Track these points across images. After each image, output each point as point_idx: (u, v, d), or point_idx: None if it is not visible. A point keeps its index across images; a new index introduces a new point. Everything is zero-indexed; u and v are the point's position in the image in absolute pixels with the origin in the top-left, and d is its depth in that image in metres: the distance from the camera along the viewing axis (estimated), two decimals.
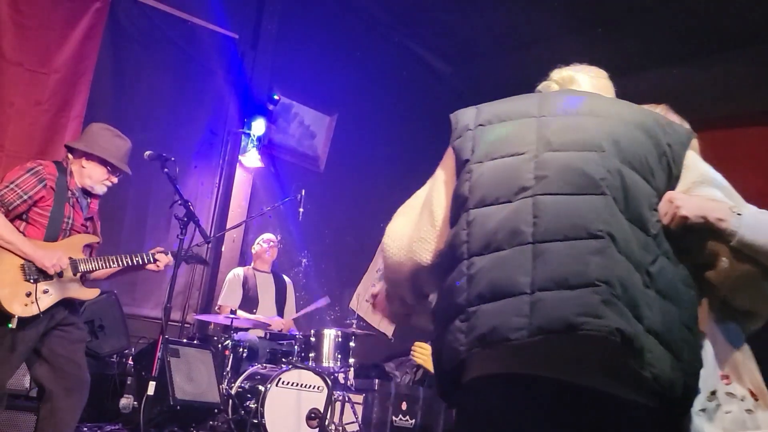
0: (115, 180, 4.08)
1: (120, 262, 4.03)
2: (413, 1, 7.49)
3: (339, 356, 5.90)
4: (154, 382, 3.83)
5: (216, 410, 5.44)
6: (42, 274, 3.74)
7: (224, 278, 6.60)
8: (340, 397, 5.77)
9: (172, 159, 4.21)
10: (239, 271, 6.46)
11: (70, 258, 3.86)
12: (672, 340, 1.77)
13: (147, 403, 3.87)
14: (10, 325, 3.57)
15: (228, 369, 5.67)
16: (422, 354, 4.71)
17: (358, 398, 6.55)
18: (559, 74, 2.27)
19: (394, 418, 6.74)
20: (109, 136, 4.07)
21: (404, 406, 6.82)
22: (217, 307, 6.37)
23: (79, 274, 3.89)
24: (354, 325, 6.16)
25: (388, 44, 8.14)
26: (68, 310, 3.91)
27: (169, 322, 6.25)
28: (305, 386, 5.53)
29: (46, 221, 3.82)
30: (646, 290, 1.78)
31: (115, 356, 5.63)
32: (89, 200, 4.07)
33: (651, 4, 6.55)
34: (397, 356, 7.49)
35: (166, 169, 4.16)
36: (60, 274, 3.80)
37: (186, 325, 6.71)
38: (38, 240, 3.81)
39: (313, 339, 5.91)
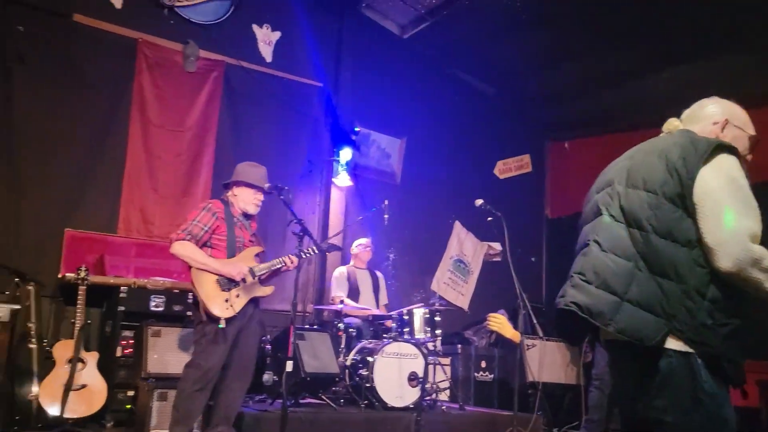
0: (262, 197, 4.29)
1: (279, 262, 4.22)
2: (458, 37, 7.45)
3: (428, 329, 5.93)
4: (290, 361, 4.01)
5: (336, 379, 5.58)
6: (232, 283, 4.03)
7: (331, 275, 6.71)
8: (432, 362, 5.86)
9: (287, 188, 4.34)
10: (343, 269, 6.56)
11: (249, 266, 4.12)
12: (654, 304, 2.01)
13: (286, 377, 4.04)
14: (221, 326, 3.90)
15: (342, 346, 5.80)
16: (496, 322, 4.86)
17: (446, 361, 6.66)
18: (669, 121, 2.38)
19: (476, 374, 6.84)
20: (248, 166, 4.35)
21: (483, 364, 6.92)
22: (331, 299, 6.48)
23: (257, 278, 4.14)
24: (437, 303, 6.19)
25: (441, 76, 8.11)
26: (254, 306, 4.17)
27: (289, 312, 6.58)
28: (404, 355, 5.59)
29: (224, 243, 4.09)
30: (638, 272, 2.04)
31: (261, 343, 5.90)
32: (250, 221, 4.31)
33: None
34: (473, 325, 7.48)
35: (282, 197, 4.30)
36: (244, 280, 4.07)
37: (306, 314, 6.87)
38: (223, 258, 4.09)
39: (406, 317, 5.96)
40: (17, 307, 3.38)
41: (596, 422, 4.87)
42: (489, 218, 4.40)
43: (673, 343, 1.98)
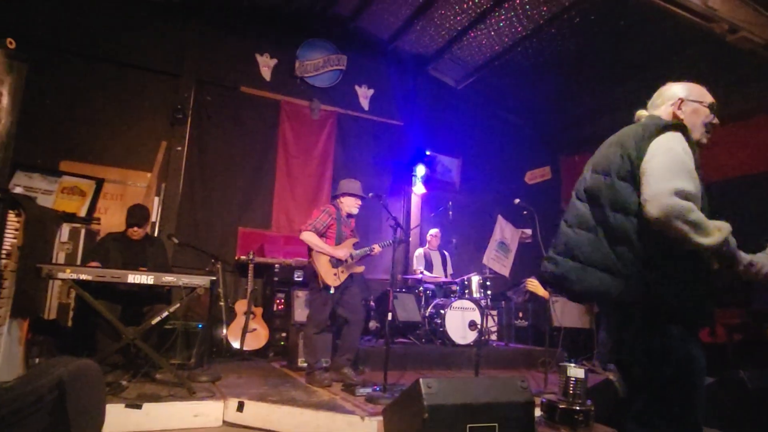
0: (360, 202, 4.25)
1: (369, 249, 4.23)
2: (496, 85, 7.32)
3: (481, 290, 5.91)
4: (390, 313, 4.01)
5: (419, 325, 5.67)
6: (339, 263, 4.07)
7: (413, 255, 6.75)
8: (485, 313, 5.80)
9: (384, 195, 4.44)
10: (421, 250, 6.54)
11: (350, 252, 4.17)
12: (612, 267, 1.73)
13: (388, 323, 4.04)
14: (331, 291, 4.00)
15: (423, 303, 5.84)
16: (531, 284, 4.80)
17: (494, 312, 6.57)
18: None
19: (515, 321, 6.73)
20: (349, 182, 4.31)
21: (521, 314, 6.81)
22: (413, 270, 6.49)
23: (354, 260, 4.18)
24: (487, 272, 6.19)
25: (485, 112, 7.93)
26: (352, 279, 4.20)
27: (385, 280, 6.58)
28: (466, 309, 5.58)
29: (334, 235, 4.14)
30: (597, 241, 1.77)
31: (363, 301, 6.05)
32: (351, 220, 4.33)
33: None
34: (513, 287, 7.21)
35: (381, 201, 4.28)
36: (345, 261, 4.12)
37: (397, 281, 6.95)
38: (332, 245, 4.14)
39: (466, 282, 5.96)
40: (213, 278, 3.65)
41: (603, 354, 4.73)
42: (524, 212, 4.34)
43: (635, 298, 1.71)
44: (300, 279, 5.67)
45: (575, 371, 3.14)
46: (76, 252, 4.26)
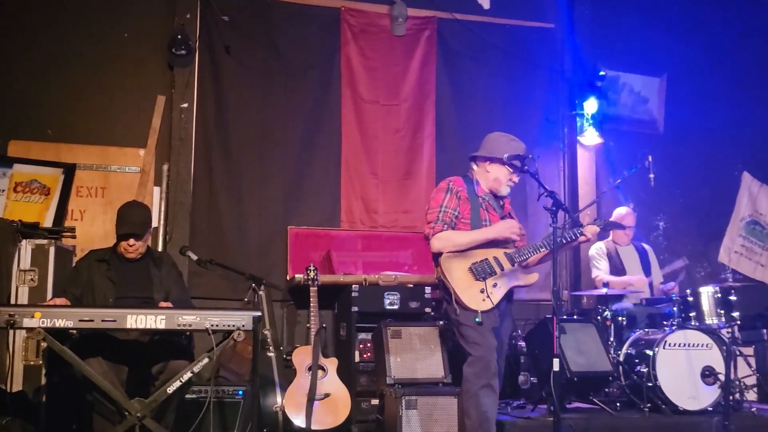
0: (517, 179, 4.25)
1: (547, 245, 4.13)
2: None
3: (720, 311, 5.66)
4: (557, 359, 3.87)
5: (609, 378, 5.49)
6: (488, 271, 4.04)
7: (585, 255, 6.60)
8: (732, 352, 5.45)
9: (530, 156, 4.21)
10: (601, 245, 6.41)
11: (506, 252, 4.12)
12: None
13: (554, 378, 3.93)
14: (477, 320, 3.96)
15: (612, 338, 5.68)
16: None
17: (749, 350, 6.24)
18: None
19: None
20: (505, 140, 4.25)
21: None
22: (594, 281, 6.35)
23: (516, 264, 4.13)
24: (729, 279, 5.86)
25: None
26: (509, 299, 4.19)
27: (542, 302, 6.56)
28: (693, 345, 5.38)
29: (468, 227, 4.11)
30: None
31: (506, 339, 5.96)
32: (501, 202, 4.29)
33: None
34: None
35: (526, 167, 4.17)
36: (502, 268, 4.09)
37: (561, 302, 6.74)
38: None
39: (690, 299, 5.73)
40: (258, 313, 3.71)
41: None
42: None
43: None
44: (395, 307, 5.67)
45: None
46: (44, 284, 4.51)
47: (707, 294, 5.73)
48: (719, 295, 5.72)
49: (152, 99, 6.20)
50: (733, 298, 5.70)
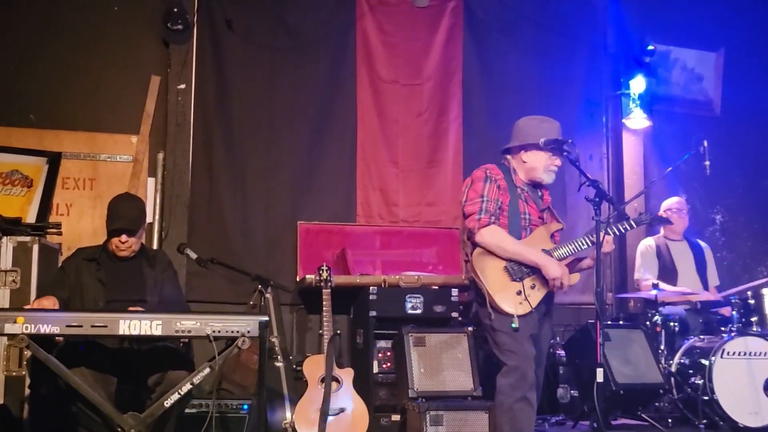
0: (559, 162, 4.19)
1: (587, 242, 4.08)
2: None
3: None
4: (601, 369, 3.84)
5: (660, 391, 5.49)
6: (525, 270, 4.02)
7: (633, 252, 6.60)
8: None
9: (570, 141, 4.18)
10: (650, 242, 6.41)
11: (543, 249, 4.07)
12: None
13: (597, 391, 3.93)
14: (514, 326, 3.91)
15: (662, 347, 5.68)
16: None
17: None
18: None
19: None
20: (536, 122, 4.21)
21: None
22: (637, 282, 6.36)
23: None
24: None
25: None
26: (548, 302, 4.16)
27: (583, 305, 6.53)
28: (755, 354, 5.38)
29: (506, 221, 4.07)
30: None
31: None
32: (540, 194, 4.25)
33: None
34: None
35: (566, 153, 4.15)
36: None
37: (605, 306, 6.78)
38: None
39: (751, 301, 5.71)
40: (265, 318, 3.68)
41: None
42: None
43: None
44: (418, 311, 5.66)
45: None
46: (27, 285, 4.54)
47: None
48: None
49: (146, 80, 6.19)
50: None
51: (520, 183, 4.17)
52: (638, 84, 7.02)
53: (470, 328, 5.28)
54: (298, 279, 6.13)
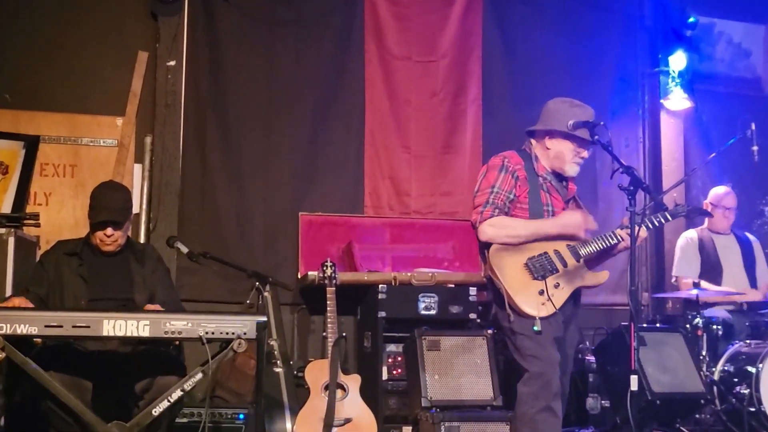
0: (586, 154, 4.21)
1: (615, 238, 4.11)
2: None
3: None
4: (635, 377, 3.81)
5: (702, 401, 5.48)
6: (547, 269, 4.03)
7: (671, 247, 6.61)
8: None
9: (601, 123, 4.13)
10: (692, 234, 6.41)
11: (568, 245, 4.09)
12: None
13: (631, 400, 3.96)
14: (536, 329, 3.92)
15: (704, 352, 5.67)
16: None
17: None
18: None
19: None
20: (566, 106, 4.20)
21: None
22: (673, 280, 6.38)
23: (582, 260, 4.11)
24: None
25: None
26: (574, 302, 4.17)
27: (615, 306, 6.57)
28: None
29: (527, 214, 4.09)
30: None
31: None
32: (565, 183, 4.27)
33: None
34: None
35: (596, 136, 4.10)
36: (565, 265, 4.06)
37: (640, 307, 6.72)
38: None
39: None
40: (263, 319, 3.71)
41: None
42: None
43: None
44: (432, 312, 5.69)
45: None
46: (2, 281, 4.57)
47: None
48: None
49: (132, 56, 6.22)
50: None
51: (542, 171, 4.18)
52: (678, 60, 7.02)
53: (490, 331, 5.29)
54: (299, 276, 6.15)
